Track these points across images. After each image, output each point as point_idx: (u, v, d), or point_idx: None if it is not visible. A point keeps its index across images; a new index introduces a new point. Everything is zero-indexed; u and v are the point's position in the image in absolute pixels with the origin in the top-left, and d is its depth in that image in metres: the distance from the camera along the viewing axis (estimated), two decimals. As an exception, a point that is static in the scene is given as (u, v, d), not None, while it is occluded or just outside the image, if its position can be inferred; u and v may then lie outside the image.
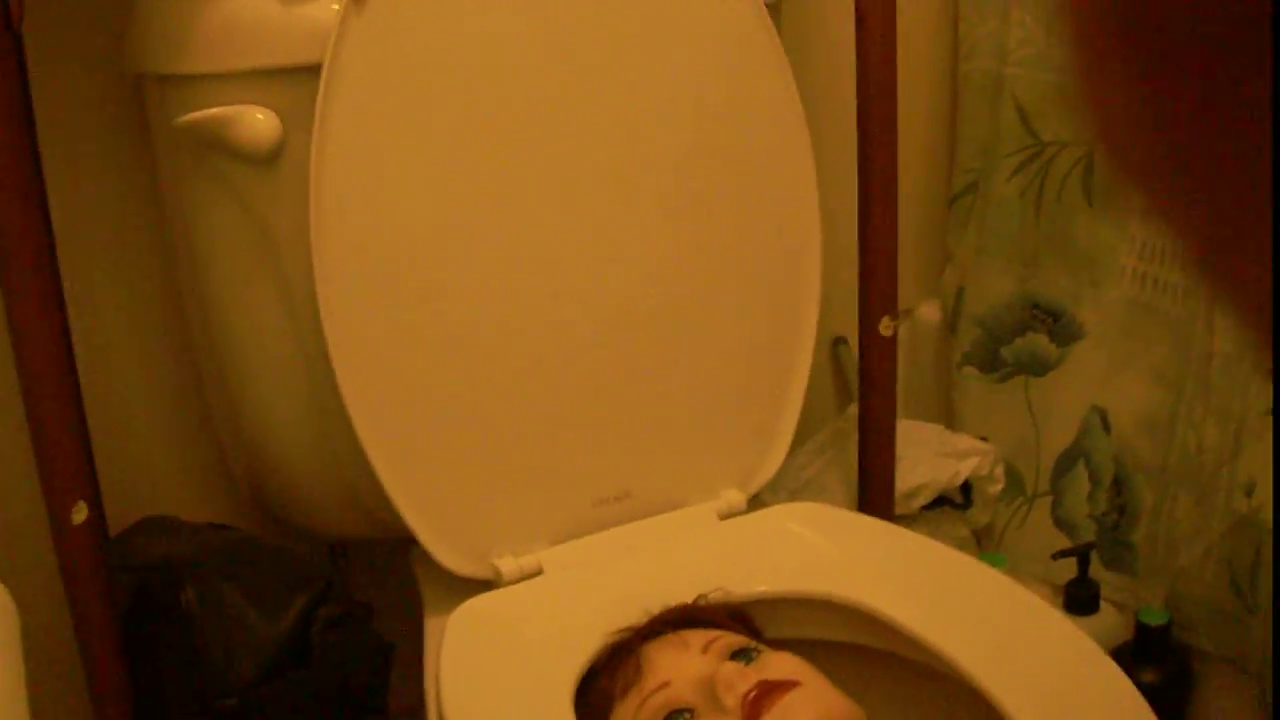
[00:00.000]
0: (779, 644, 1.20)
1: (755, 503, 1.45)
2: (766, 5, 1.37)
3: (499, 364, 1.30)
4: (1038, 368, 1.83)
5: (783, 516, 1.42)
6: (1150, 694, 1.13)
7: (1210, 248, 0.30)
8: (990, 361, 1.86)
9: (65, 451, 1.26)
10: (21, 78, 1.21)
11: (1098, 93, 0.31)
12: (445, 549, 1.30)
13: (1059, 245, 1.78)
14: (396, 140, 1.23)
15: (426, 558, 1.31)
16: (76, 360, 1.29)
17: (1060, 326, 1.80)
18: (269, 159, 1.23)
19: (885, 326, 1.57)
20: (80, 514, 1.26)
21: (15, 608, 0.85)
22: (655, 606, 1.24)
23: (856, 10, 1.50)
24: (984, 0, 1.78)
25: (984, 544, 1.84)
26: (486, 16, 1.25)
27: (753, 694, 1.09)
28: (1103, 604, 1.78)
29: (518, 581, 1.32)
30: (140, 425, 1.49)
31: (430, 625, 1.31)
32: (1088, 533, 1.81)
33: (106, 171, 1.43)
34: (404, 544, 1.36)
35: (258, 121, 1.22)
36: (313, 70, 1.19)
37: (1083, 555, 1.77)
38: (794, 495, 1.62)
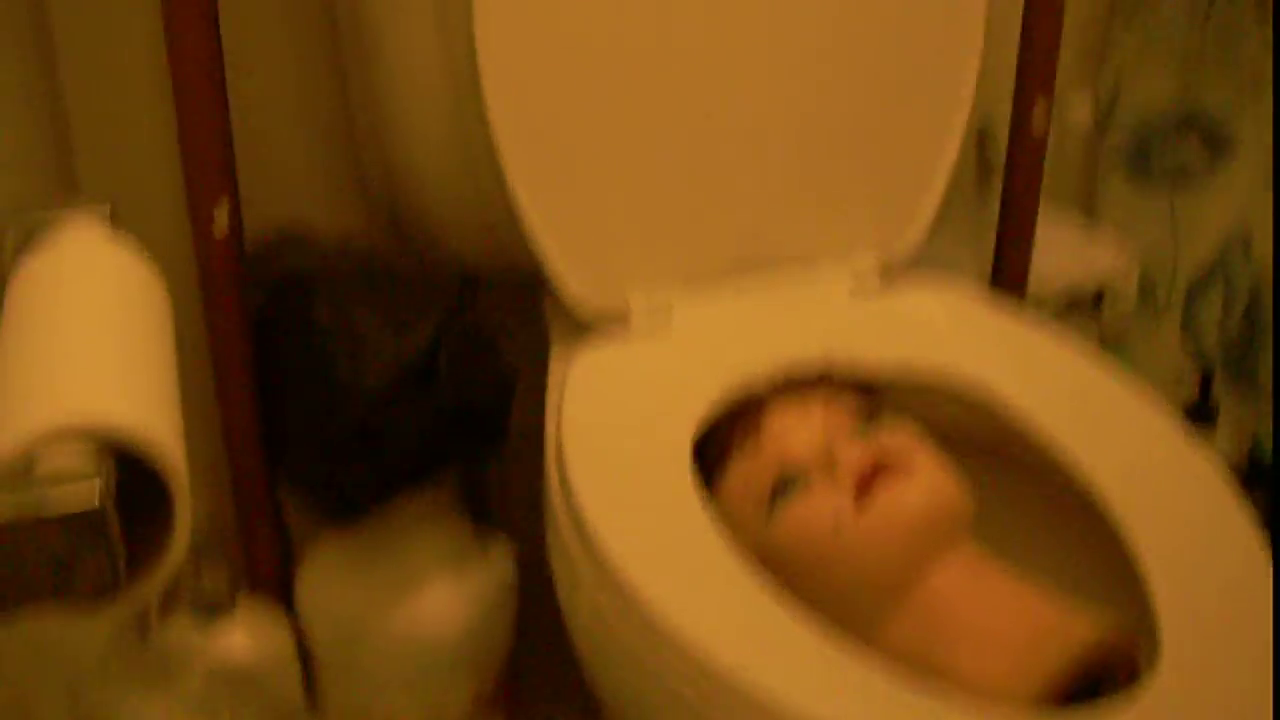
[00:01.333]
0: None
1: (891, 273, 1.43)
2: None
3: (651, 101, 1.29)
4: (1187, 179, 1.79)
5: (919, 296, 1.40)
6: (1261, 519, 1.13)
7: None
8: (1138, 166, 1.82)
9: (211, 152, 1.27)
10: None
11: None
12: (578, 278, 1.30)
13: (1223, 57, 1.73)
14: None
15: (556, 300, 1.32)
16: (226, 67, 1.29)
17: (1215, 140, 1.76)
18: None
19: (1038, 117, 1.54)
20: (222, 217, 1.27)
21: (167, 295, 0.86)
22: (782, 366, 1.24)
23: None
24: None
25: (1111, 349, 1.82)
26: None
27: (868, 470, 1.10)
28: (1221, 425, 1.77)
29: (645, 323, 1.33)
30: (283, 134, 1.49)
31: (555, 365, 1.31)
32: (1215, 353, 1.79)
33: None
34: (536, 283, 1.36)
35: None
36: None
37: (1207, 373, 1.75)
38: (927, 267, 1.60)
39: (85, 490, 0.61)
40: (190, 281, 1.29)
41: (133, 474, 0.65)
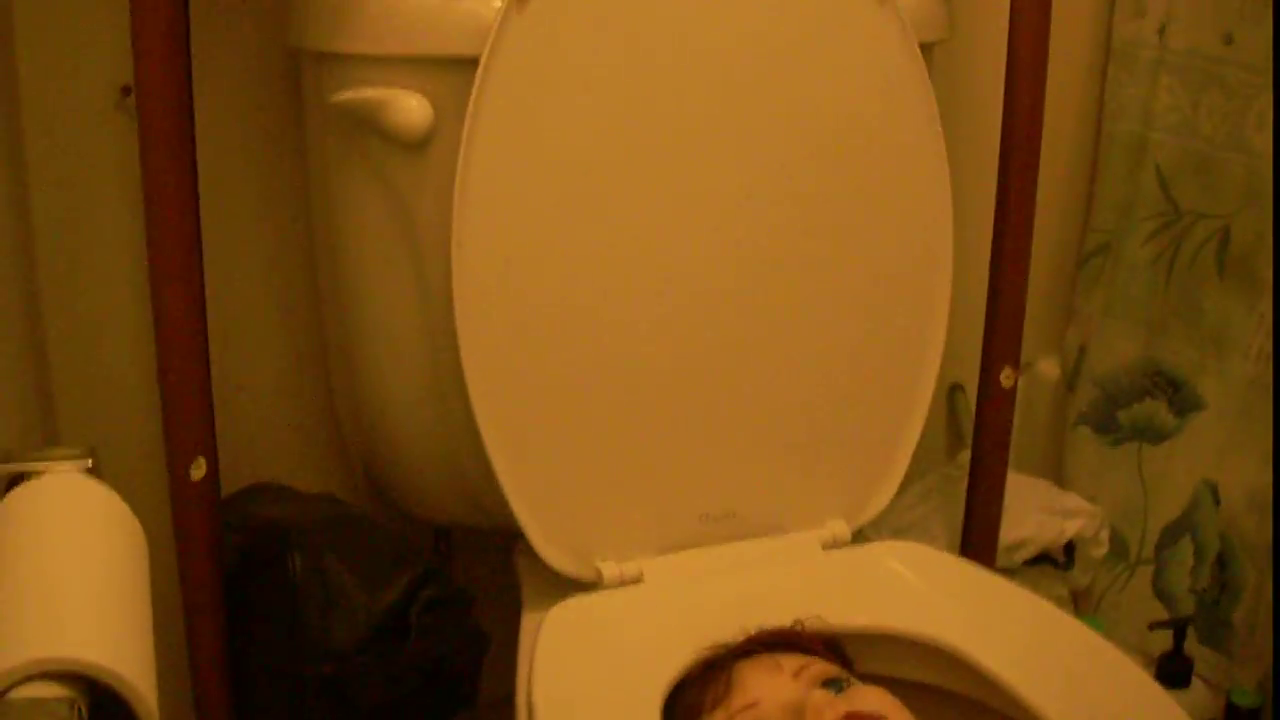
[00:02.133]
0: (870, 679, 1.20)
1: (859, 537, 1.45)
2: (921, 45, 1.37)
3: (623, 373, 1.32)
4: (1153, 435, 1.81)
5: (886, 553, 1.42)
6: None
7: None
8: (1106, 423, 1.84)
9: (191, 408, 1.29)
10: (185, 43, 1.24)
11: None
12: (551, 546, 1.32)
13: (1187, 315, 1.77)
14: (544, 139, 1.24)
15: (529, 553, 1.32)
16: (208, 324, 1.32)
17: (1180, 396, 1.79)
18: (418, 145, 1.25)
19: (1006, 377, 1.57)
20: (199, 470, 1.28)
21: (145, 539, 0.88)
22: (751, 626, 1.24)
23: (1008, 62, 1.51)
24: (1134, 62, 1.77)
25: (1082, 606, 1.83)
26: (644, 28, 1.26)
27: (840, 723, 1.10)
28: (1195, 680, 1.76)
29: (618, 586, 1.33)
30: (260, 393, 1.51)
31: (527, 620, 1.32)
32: (1187, 606, 1.79)
33: (255, 142, 1.46)
34: (507, 538, 1.38)
35: (411, 107, 1.24)
36: (469, 62, 1.21)
37: (1180, 628, 1.75)
38: (898, 535, 1.62)
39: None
40: (165, 532, 1.29)
41: (101, 714, 0.65)
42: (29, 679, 0.64)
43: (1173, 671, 1.75)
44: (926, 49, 1.40)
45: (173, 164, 1.22)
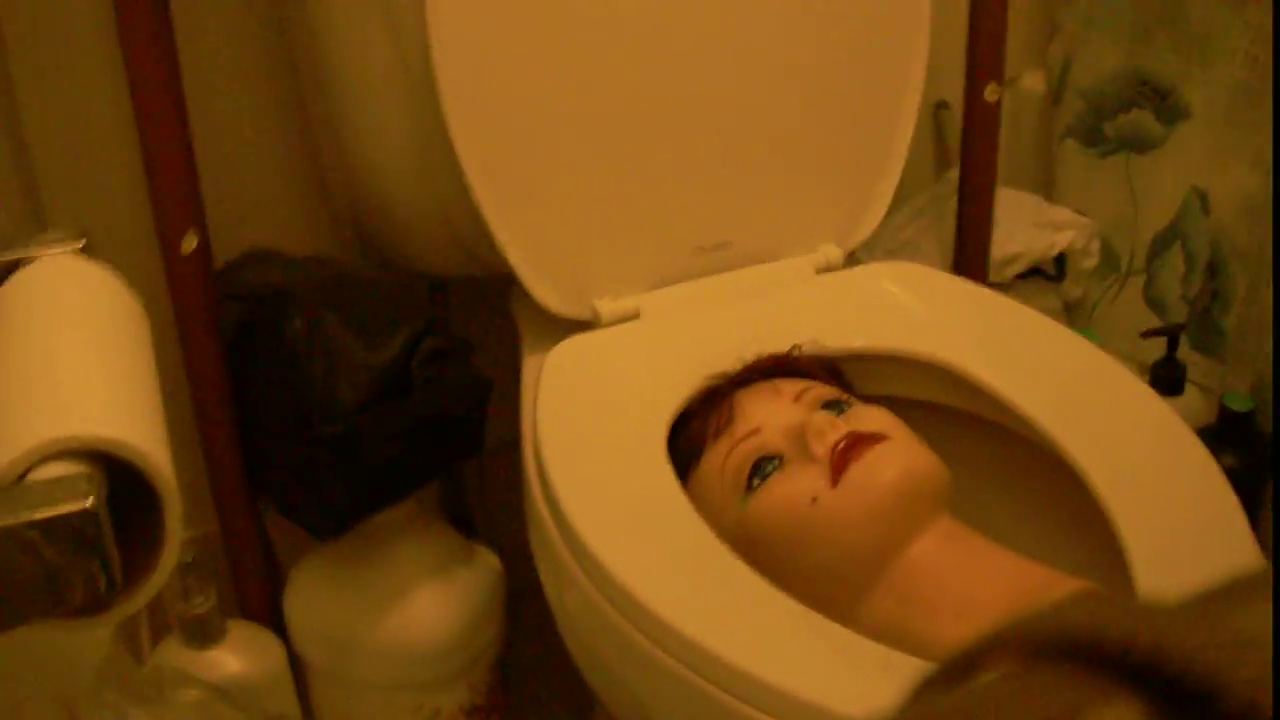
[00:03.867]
0: (869, 399, 1.21)
1: (852, 260, 1.45)
2: None
3: (608, 108, 1.31)
4: (1140, 145, 1.81)
5: (879, 274, 1.42)
6: (1229, 478, 1.14)
7: None
8: (1093, 135, 1.84)
9: (177, 181, 1.28)
10: None
11: None
12: (545, 287, 1.32)
13: (1171, 22, 1.75)
14: None
15: (525, 297, 1.33)
16: (186, 94, 1.31)
17: (1166, 105, 1.78)
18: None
19: (991, 92, 1.56)
20: (190, 242, 1.28)
21: (145, 314, 0.88)
22: (750, 354, 1.26)
23: None
24: None
25: (1074, 318, 1.84)
26: None
27: (841, 444, 1.11)
28: (1188, 386, 1.78)
29: (615, 323, 1.34)
30: (247, 158, 1.50)
31: (528, 364, 1.33)
32: (1179, 314, 1.80)
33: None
34: (503, 283, 1.38)
35: None
36: None
37: (1172, 336, 1.77)
38: (890, 255, 1.63)
39: (79, 497, 0.63)
40: (164, 307, 1.30)
41: (117, 493, 0.66)
42: (45, 460, 0.65)
43: (1166, 378, 1.77)
44: None
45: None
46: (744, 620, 1.02)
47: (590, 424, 1.22)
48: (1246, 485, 1.50)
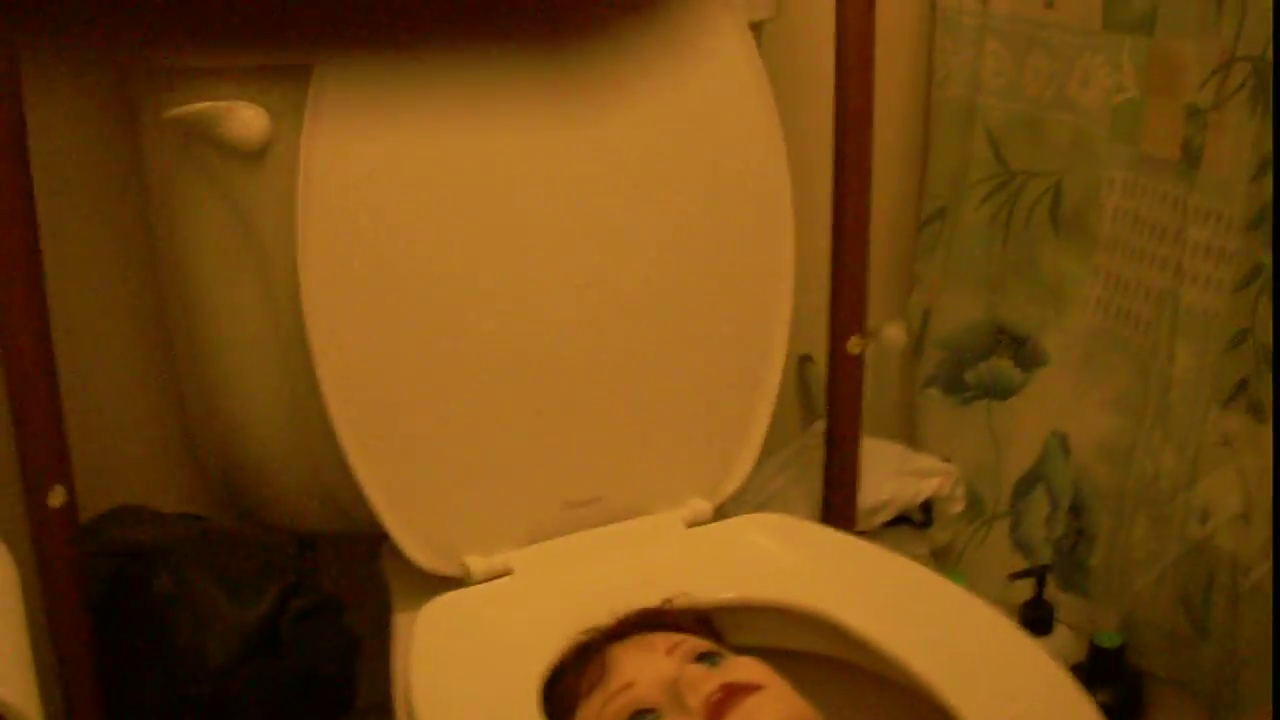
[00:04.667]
0: (743, 651, 1.21)
1: (720, 514, 1.47)
2: (750, 24, 1.39)
3: (477, 366, 1.32)
4: (1001, 391, 1.85)
5: (748, 526, 1.44)
6: (1103, 713, 1.15)
7: None
8: (954, 384, 1.88)
9: (44, 436, 1.27)
10: (13, 65, 1.22)
11: None
12: (416, 545, 1.32)
13: (1025, 272, 1.81)
14: (384, 140, 1.25)
15: (396, 554, 1.33)
16: (56, 347, 1.30)
17: (1024, 352, 1.83)
18: (256, 155, 1.25)
19: (854, 344, 1.60)
20: (57, 498, 1.27)
21: (14, 566, 0.87)
22: (622, 609, 1.25)
23: (836, 35, 1.53)
24: (959, 29, 1.81)
25: (943, 563, 1.86)
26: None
27: (716, 695, 1.11)
28: (1057, 625, 1.81)
29: (487, 580, 1.34)
30: (115, 415, 1.50)
31: (399, 621, 1.32)
32: (1045, 555, 1.83)
33: (91, 160, 1.43)
34: (373, 540, 1.38)
35: (247, 117, 1.23)
36: (304, 69, 1.20)
37: (1039, 577, 1.80)
38: (759, 508, 1.63)
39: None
40: (28, 562, 1.28)
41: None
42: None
43: (1036, 618, 1.79)
44: (755, 28, 1.42)
45: (9, 188, 1.20)
46: None
47: (463, 683, 1.21)
48: (1120, 720, 1.52)
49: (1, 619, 0.77)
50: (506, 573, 1.35)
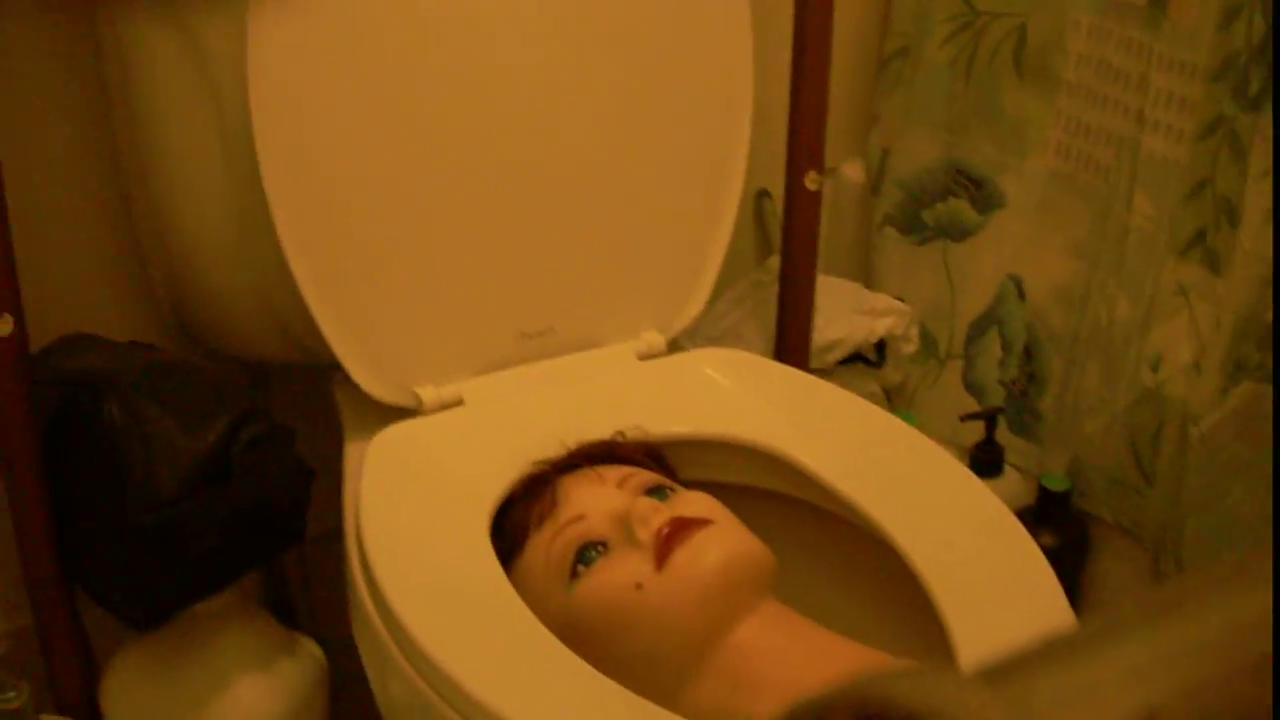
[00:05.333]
0: (693, 485, 1.22)
1: (674, 348, 1.47)
2: None
3: (432, 195, 1.31)
4: (957, 233, 1.85)
5: (701, 360, 1.44)
6: (1048, 558, 1.17)
7: None
8: (911, 224, 1.88)
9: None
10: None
11: None
12: (368, 374, 1.32)
13: (986, 114, 1.80)
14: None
15: (348, 384, 1.33)
16: (4, 176, 1.28)
17: (982, 194, 1.82)
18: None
19: (811, 181, 1.59)
20: (5, 326, 1.26)
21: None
22: (573, 441, 1.26)
23: None
24: None
25: (895, 403, 1.87)
26: None
27: (665, 529, 1.12)
28: (1007, 468, 1.82)
29: (438, 411, 1.34)
30: (63, 242, 1.48)
31: (350, 451, 1.33)
32: (996, 397, 1.84)
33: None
34: (325, 370, 1.37)
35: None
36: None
37: (990, 419, 1.81)
38: (712, 343, 1.64)
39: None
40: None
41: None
42: None
43: (985, 460, 1.80)
44: None
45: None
46: (570, 707, 1.03)
47: (413, 512, 1.22)
48: (1065, 563, 1.54)
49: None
50: (458, 403, 1.35)
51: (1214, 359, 1.55)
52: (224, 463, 1.27)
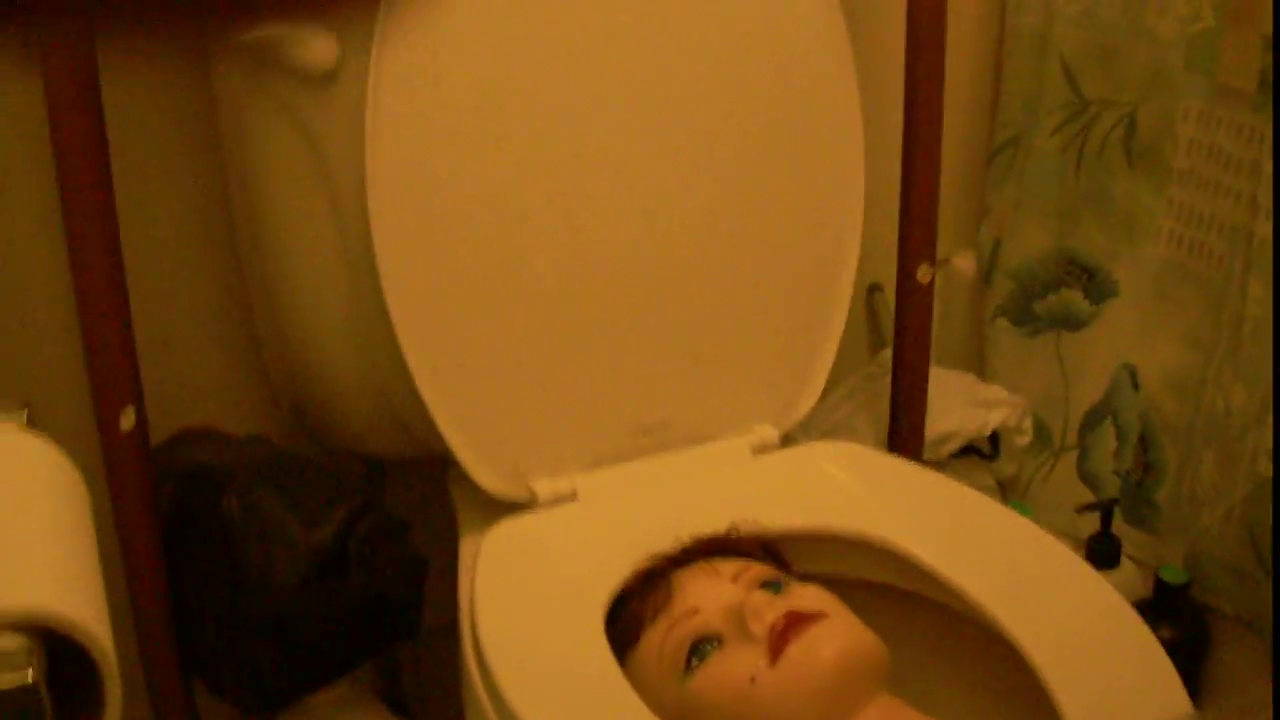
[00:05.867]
0: (807, 578, 1.22)
1: (787, 441, 1.47)
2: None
3: (545, 289, 1.32)
4: (1070, 323, 1.84)
5: (815, 454, 1.44)
6: (1167, 651, 1.15)
7: None
8: (1023, 315, 1.87)
9: (115, 359, 1.28)
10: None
11: None
12: (483, 469, 1.33)
13: (1097, 203, 1.79)
14: (455, 65, 1.24)
15: (463, 478, 1.34)
16: (127, 271, 1.31)
17: (1094, 284, 1.81)
18: (325, 78, 1.25)
19: (923, 273, 1.59)
20: (128, 420, 1.28)
21: (85, 488, 0.88)
22: (687, 535, 1.26)
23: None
24: (1033, -44, 1.78)
25: (1009, 495, 1.86)
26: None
27: (780, 623, 1.12)
28: (1123, 560, 1.80)
29: (552, 505, 1.34)
30: (185, 338, 1.51)
31: (465, 544, 1.33)
32: (1112, 488, 1.82)
33: (162, 85, 1.44)
34: (440, 464, 1.38)
35: (316, 42, 1.23)
36: (372, -8, 1.20)
37: (1106, 510, 1.78)
38: (825, 436, 1.64)
39: (18, 670, 0.62)
40: (99, 484, 1.29)
41: (56, 666, 0.66)
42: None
43: (1102, 552, 1.78)
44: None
45: (81, 114, 1.20)
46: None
47: (528, 606, 1.22)
48: (1183, 657, 1.51)
49: (73, 541, 0.78)
50: (572, 497, 1.35)
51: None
52: (341, 555, 1.28)
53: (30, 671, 0.63)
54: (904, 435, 1.65)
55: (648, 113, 1.33)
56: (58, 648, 0.67)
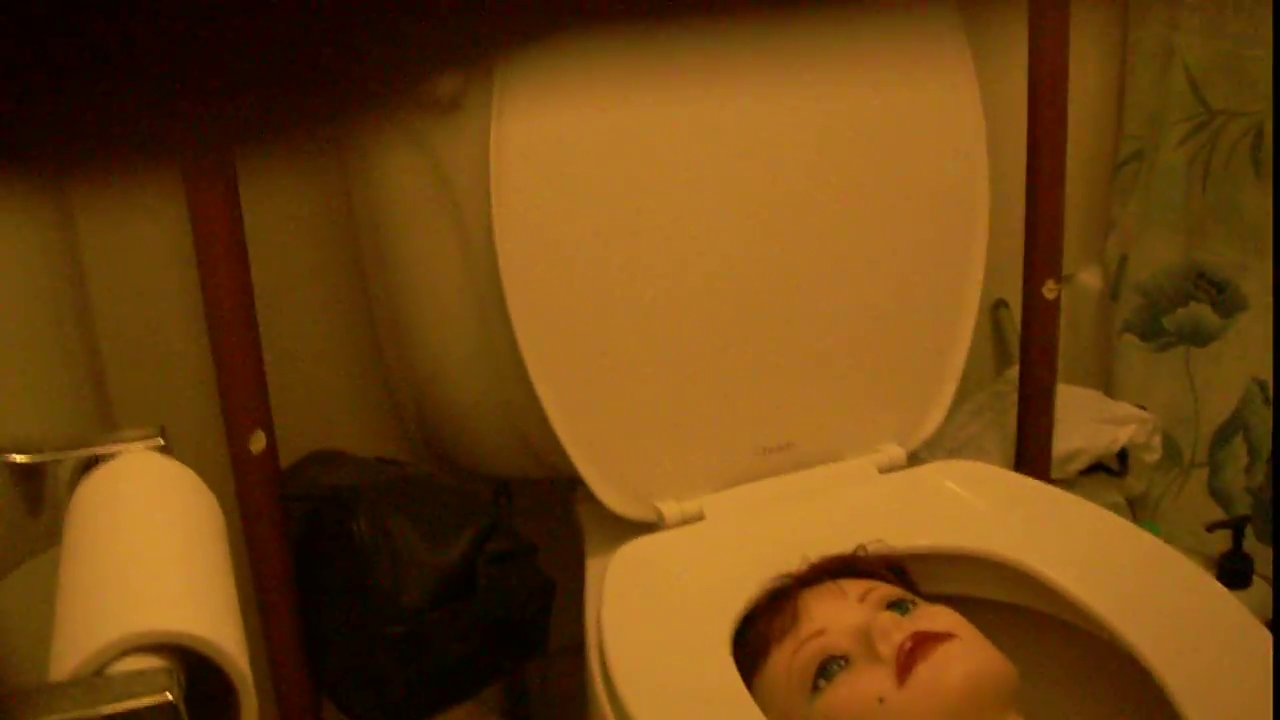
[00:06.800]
0: (934, 599, 1.21)
1: (914, 460, 1.46)
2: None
3: (671, 312, 1.33)
4: (1200, 338, 1.82)
5: (941, 473, 1.43)
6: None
7: None
8: (1151, 330, 1.85)
9: (245, 383, 1.30)
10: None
11: None
12: (610, 490, 1.33)
13: (1225, 215, 1.77)
14: (577, 101, 1.25)
15: (590, 499, 1.34)
16: (256, 299, 1.33)
17: (1224, 297, 1.79)
18: (450, 109, 1.26)
19: (1049, 290, 1.58)
20: (258, 443, 1.30)
21: (220, 511, 0.90)
22: (814, 555, 1.26)
23: (1032, -23, 1.51)
24: (1157, -34, 1.77)
25: (1139, 512, 1.83)
26: None
27: (908, 644, 1.11)
28: (1256, 578, 1.77)
29: (679, 525, 1.35)
30: (314, 362, 1.53)
31: (592, 565, 1.34)
32: (1243, 506, 1.80)
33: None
34: (568, 485, 1.39)
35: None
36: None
37: (1238, 528, 1.76)
38: (952, 454, 1.63)
39: (157, 691, 0.64)
40: (230, 507, 1.31)
41: (194, 687, 0.67)
42: (125, 653, 0.66)
43: (1233, 571, 1.75)
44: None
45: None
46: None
47: (655, 626, 1.22)
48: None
49: (211, 563, 0.80)
50: (699, 518, 1.36)
51: None
52: (468, 576, 1.29)
53: (169, 692, 0.64)
54: (1031, 453, 1.64)
55: (772, 137, 1.33)
56: (194, 667, 0.68)
